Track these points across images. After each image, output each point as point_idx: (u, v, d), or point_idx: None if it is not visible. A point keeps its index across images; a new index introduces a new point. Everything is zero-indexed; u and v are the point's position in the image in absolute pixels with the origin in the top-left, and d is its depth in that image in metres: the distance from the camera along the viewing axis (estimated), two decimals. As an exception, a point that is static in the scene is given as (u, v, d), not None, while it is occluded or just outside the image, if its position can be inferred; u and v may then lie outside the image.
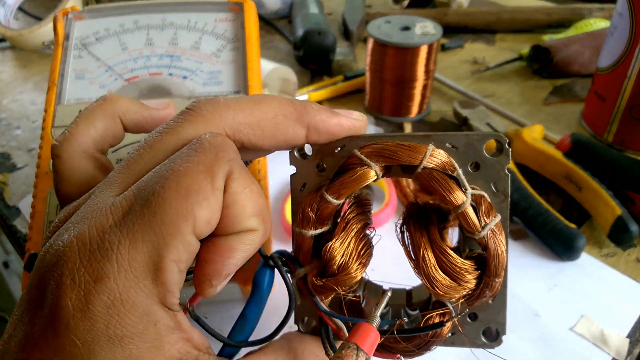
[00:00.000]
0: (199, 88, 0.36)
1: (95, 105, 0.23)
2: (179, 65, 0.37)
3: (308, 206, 0.22)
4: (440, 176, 0.21)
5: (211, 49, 0.37)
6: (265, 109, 0.20)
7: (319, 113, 0.22)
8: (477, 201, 0.21)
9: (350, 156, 0.22)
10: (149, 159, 0.18)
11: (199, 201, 0.17)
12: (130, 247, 0.16)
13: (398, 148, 0.21)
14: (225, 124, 0.20)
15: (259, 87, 0.35)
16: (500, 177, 0.22)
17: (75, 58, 0.37)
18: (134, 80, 0.36)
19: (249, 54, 0.36)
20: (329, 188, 0.22)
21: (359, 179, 0.21)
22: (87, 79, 0.36)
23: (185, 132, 0.19)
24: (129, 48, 0.37)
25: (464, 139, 0.22)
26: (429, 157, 0.21)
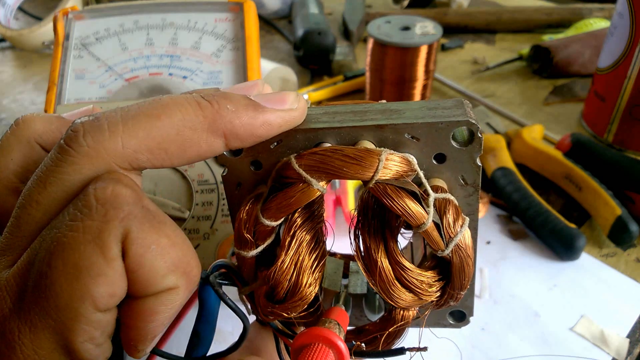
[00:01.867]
0: (199, 88, 0.36)
1: (8, 134, 0.20)
2: (179, 65, 0.37)
3: (243, 227, 0.19)
4: (394, 192, 0.17)
5: (211, 49, 0.37)
6: (164, 125, 0.16)
7: (237, 116, 0.17)
8: (441, 208, 0.18)
9: (287, 166, 0.18)
10: (40, 217, 0.16)
11: (93, 278, 0.14)
12: (33, 335, 0.14)
13: (344, 162, 0.17)
14: (114, 158, 0.16)
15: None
16: (470, 168, 0.19)
17: (75, 58, 0.37)
18: (134, 80, 0.36)
19: (249, 54, 0.36)
20: (265, 210, 0.18)
21: (299, 200, 0.18)
22: (87, 79, 0.36)
23: (69, 179, 0.15)
24: (129, 48, 0.37)
25: (426, 128, 0.18)
26: (382, 170, 0.17)
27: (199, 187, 0.31)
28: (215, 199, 0.31)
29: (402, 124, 0.18)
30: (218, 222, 0.30)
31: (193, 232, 0.30)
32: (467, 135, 0.19)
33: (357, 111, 0.19)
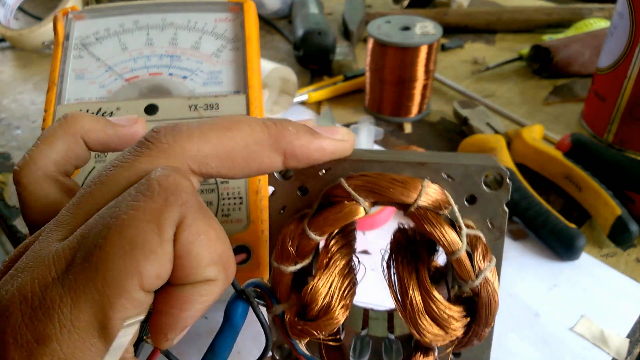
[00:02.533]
0: (199, 88, 0.36)
1: (56, 125, 0.22)
2: (179, 65, 0.37)
3: (288, 240, 0.20)
4: (434, 218, 0.19)
5: (211, 49, 0.37)
6: (235, 137, 0.18)
7: (297, 137, 0.19)
8: (472, 243, 0.20)
9: (336, 186, 0.20)
10: (100, 197, 0.17)
11: (145, 255, 0.15)
12: (73, 306, 0.15)
13: (390, 184, 0.19)
14: (188, 158, 0.17)
15: (259, 87, 0.35)
16: (498, 212, 0.21)
17: (75, 58, 0.37)
18: (134, 80, 0.36)
19: (249, 54, 0.36)
20: (312, 223, 0.20)
21: (346, 217, 0.19)
22: (87, 79, 0.36)
23: (140, 167, 0.17)
24: (129, 48, 0.37)
25: (462, 169, 0.20)
26: (424, 195, 0.19)
27: (200, 187, 0.31)
28: (215, 199, 0.31)
29: (441, 163, 0.20)
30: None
31: None
32: (497, 181, 0.20)
33: (398, 152, 0.21)
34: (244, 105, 0.34)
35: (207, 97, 0.34)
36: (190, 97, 0.34)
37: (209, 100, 0.34)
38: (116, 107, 0.34)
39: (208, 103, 0.34)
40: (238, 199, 0.31)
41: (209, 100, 0.34)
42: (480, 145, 0.44)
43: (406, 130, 0.52)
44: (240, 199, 0.31)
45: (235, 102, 0.34)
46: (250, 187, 0.31)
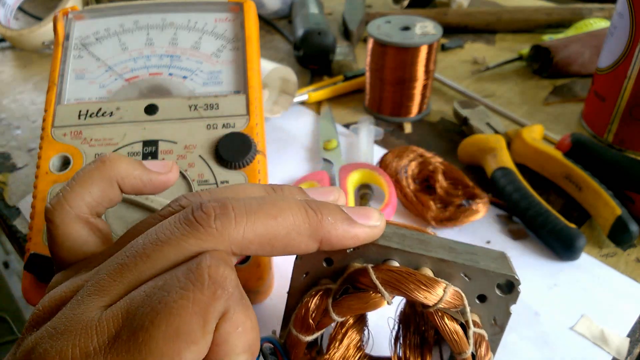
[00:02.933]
0: (198, 88, 0.36)
1: (93, 168, 0.22)
2: (179, 65, 0.37)
3: (311, 313, 0.21)
4: (449, 320, 0.21)
5: (211, 49, 0.37)
6: (278, 225, 0.19)
7: (335, 227, 0.20)
8: (477, 341, 0.21)
9: (364, 274, 0.21)
10: (144, 271, 0.17)
11: (187, 345, 0.16)
12: None
13: (415, 285, 0.20)
14: (233, 243, 0.18)
15: (259, 87, 0.35)
16: (503, 313, 0.22)
17: (75, 58, 0.37)
18: (134, 80, 0.36)
19: (249, 54, 0.36)
20: (336, 305, 0.21)
21: (369, 307, 0.21)
22: (87, 79, 0.36)
23: (188, 249, 0.17)
24: (129, 48, 0.37)
25: (480, 273, 0.22)
26: (444, 300, 0.21)
27: (199, 187, 0.31)
28: None
29: (461, 264, 0.21)
30: None
31: None
32: (508, 286, 0.22)
33: (422, 239, 0.23)
34: (244, 105, 0.34)
35: (207, 97, 0.34)
36: (190, 97, 0.34)
37: (209, 100, 0.34)
38: (116, 107, 0.34)
39: (208, 103, 0.34)
40: None
41: (209, 100, 0.34)
42: (480, 145, 0.44)
43: (406, 130, 0.52)
44: None
45: (235, 102, 0.34)
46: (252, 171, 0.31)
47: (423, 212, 0.39)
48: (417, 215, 0.40)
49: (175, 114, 0.34)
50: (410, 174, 0.42)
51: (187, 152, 0.32)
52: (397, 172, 0.41)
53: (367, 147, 0.47)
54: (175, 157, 0.32)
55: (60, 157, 0.32)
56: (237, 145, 0.32)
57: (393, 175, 0.41)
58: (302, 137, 0.50)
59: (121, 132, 0.33)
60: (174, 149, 0.32)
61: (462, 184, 0.41)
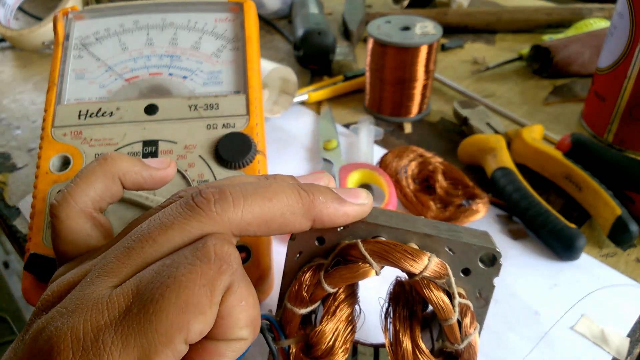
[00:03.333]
0: (198, 88, 0.36)
1: (96, 165, 0.24)
2: (179, 65, 0.37)
3: (304, 286, 0.23)
4: (434, 287, 0.22)
5: (211, 49, 0.37)
6: (274, 207, 0.20)
7: (326, 206, 0.21)
8: (462, 311, 0.22)
9: (353, 247, 0.22)
10: (152, 252, 0.18)
11: (195, 315, 0.17)
12: (122, 349, 0.16)
13: (401, 254, 0.22)
14: (232, 225, 0.19)
15: (259, 87, 0.35)
16: (487, 286, 0.24)
17: (75, 58, 0.37)
18: (134, 80, 0.36)
19: (249, 54, 0.36)
20: (328, 276, 0.22)
21: (359, 277, 0.22)
22: (87, 79, 0.36)
23: (191, 231, 0.19)
24: (129, 48, 0.37)
25: (463, 247, 0.23)
26: (429, 269, 0.22)
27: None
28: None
29: (445, 238, 0.23)
30: None
31: None
32: (490, 259, 0.23)
33: (408, 218, 0.24)
34: (244, 105, 0.34)
35: (207, 97, 0.34)
36: (190, 97, 0.34)
37: (209, 100, 0.34)
38: (116, 107, 0.34)
39: (208, 103, 0.34)
40: None
41: (209, 100, 0.34)
42: (480, 145, 0.44)
43: (406, 130, 0.52)
44: None
45: (235, 102, 0.34)
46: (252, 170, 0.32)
47: (423, 212, 0.39)
48: (417, 215, 0.40)
49: (175, 114, 0.34)
50: (410, 174, 0.42)
51: (187, 152, 0.32)
52: (397, 172, 0.41)
53: (367, 147, 0.47)
54: (175, 157, 0.32)
55: (60, 157, 0.32)
56: (237, 145, 0.32)
57: (393, 175, 0.41)
58: (302, 137, 0.50)
59: (121, 132, 0.33)
60: (174, 149, 0.32)
61: (462, 184, 0.41)
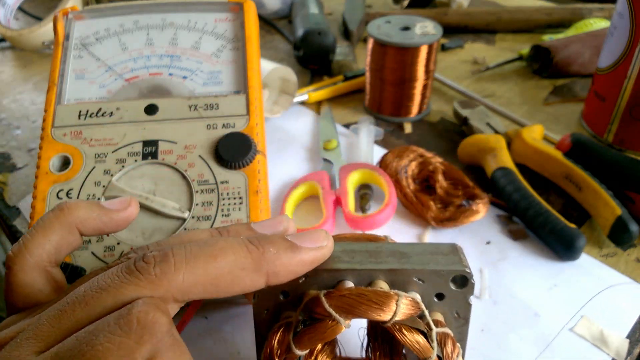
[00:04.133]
0: (198, 88, 0.36)
1: (52, 216, 0.23)
2: (179, 65, 0.37)
3: (275, 352, 0.22)
4: (408, 331, 0.21)
5: (211, 49, 0.37)
6: (219, 265, 0.19)
7: (278, 257, 0.20)
8: (441, 340, 0.22)
9: (317, 303, 0.21)
10: (81, 317, 0.18)
11: None
12: None
13: (367, 306, 0.21)
14: (172, 289, 0.18)
15: (259, 87, 0.35)
16: (464, 305, 0.23)
17: (75, 58, 0.37)
18: (134, 80, 0.36)
19: (249, 54, 0.36)
20: (297, 341, 0.22)
21: (328, 336, 0.21)
22: (87, 79, 0.36)
23: (126, 294, 0.18)
24: (129, 48, 0.37)
25: (432, 274, 0.22)
26: (398, 313, 0.21)
27: (199, 187, 0.31)
28: (215, 199, 0.31)
29: (411, 269, 0.22)
30: (218, 222, 0.30)
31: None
32: (462, 281, 0.23)
33: (372, 251, 0.23)
34: (244, 106, 0.34)
35: (207, 97, 0.34)
36: (190, 97, 0.34)
37: (209, 100, 0.34)
38: (116, 107, 0.34)
39: (208, 103, 0.34)
40: (238, 199, 0.31)
41: (209, 100, 0.34)
42: (480, 145, 0.44)
43: (406, 130, 0.52)
44: (240, 199, 0.31)
45: (235, 102, 0.34)
46: (251, 187, 0.31)
47: (423, 212, 0.39)
48: (417, 216, 0.40)
49: (175, 114, 0.34)
50: (410, 174, 0.42)
51: (187, 152, 0.32)
52: (397, 172, 0.41)
53: (367, 147, 0.47)
54: (175, 157, 0.32)
55: (60, 157, 0.32)
56: (237, 146, 0.32)
57: (393, 175, 0.41)
58: (302, 137, 0.50)
59: (121, 132, 0.33)
60: (173, 149, 0.32)
61: (462, 184, 0.41)
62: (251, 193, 0.31)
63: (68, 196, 0.31)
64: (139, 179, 0.32)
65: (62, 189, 0.31)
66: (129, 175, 0.32)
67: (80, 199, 0.25)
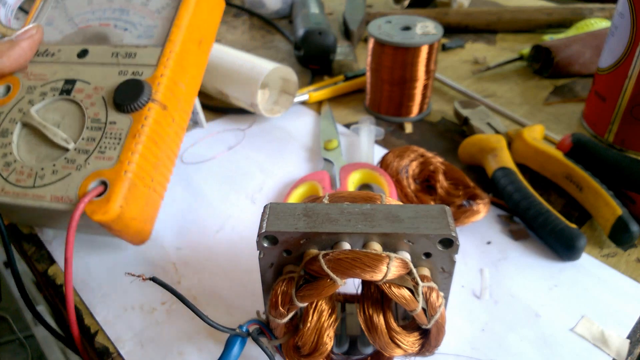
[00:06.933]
0: (132, 40, 0.38)
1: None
2: (126, 18, 0.39)
3: (280, 301, 0.24)
4: (397, 288, 0.23)
5: (156, 5, 0.39)
6: None
7: (3, 53, 0.28)
8: (427, 294, 0.24)
9: (316, 264, 0.23)
10: None
11: None
12: None
13: (360, 268, 0.23)
14: None
15: (180, 42, 0.37)
16: (448, 262, 0.25)
17: (52, 8, 0.41)
18: (84, 29, 0.40)
19: (180, 11, 0.38)
20: (298, 295, 0.24)
21: (326, 292, 0.24)
22: (54, 26, 0.40)
23: None
24: (93, 2, 0.41)
25: (421, 237, 0.24)
26: (389, 274, 0.23)
27: (91, 124, 0.34)
28: (99, 136, 0.34)
29: (402, 233, 0.24)
30: (92, 157, 0.33)
31: (69, 161, 0.33)
32: (449, 242, 0.24)
33: (367, 214, 0.25)
34: (157, 57, 0.36)
35: (130, 47, 0.38)
36: (116, 46, 0.38)
37: (130, 49, 0.37)
38: (58, 49, 0.39)
39: (128, 52, 0.37)
40: (117, 140, 0.33)
41: (130, 49, 0.37)
42: (481, 145, 0.44)
43: (407, 130, 0.52)
44: (119, 139, 0.33)
45: (150, 53, 0.37)
46: (132, 130, 0.33)
47: (423, 212, 0.39)
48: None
49: (99, 59, 0.37)
50: (411, 174, 0.42)
51: (95, 93, 0.36)
52: (398, 172, 0.41)
53: (367, 147, 0.47)
54: (83, 96, 0.36)
55: (5, 86, 0.38)
56: (130, 91, 0.34)
57: (394, 175, 0.41)
58: (302, 137, 0.50)
59: (53, 70, 0.38)
60: (85, 88, 0.36)
61: (463, 184, 0.41)
62: (130, 136, 0.33)
63: None
64: (52, 111, 0.36)
65: None
66: (45, 107, 0.36)
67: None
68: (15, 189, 0.33)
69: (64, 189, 0.32)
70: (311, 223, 0.25)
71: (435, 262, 0.25)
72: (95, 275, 0.36)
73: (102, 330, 0.32)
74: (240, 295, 0.34)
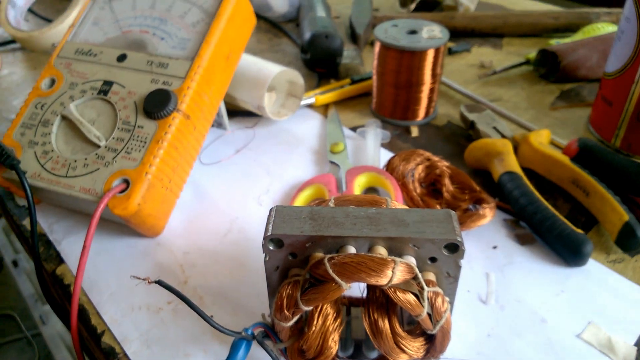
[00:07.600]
0: (167, 50, 0.40)
1: None
2: (164, 28, 0.42)
3: (285, 304, 0.24)
4: (402, 293, 0.23)
5: (192, 19, 0.41)
6: None
7: None
8: (432, 299, 0.24)
9: (322, 268, 0.23)
10: None
11: None
12: None
13: (366, 273, 0.23)
14: None
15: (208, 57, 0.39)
16: (454, 267, 0.25)
17: (99, 9, 0.44)
18: (126, 34, 0.42)
19: (212, 29, 0.40)
20: (303, 299, 0.24)
21: (332, 296, 0.24)
22: (99, 27, 0.43)
23: None
24: (137, 8, 0.43)
25: (428, 242, 0.24)
26: (394, 278, 0.23)
27: (122, 126, 0.37)
28: (127, 137, 0.36)
29: (408, 237, 0.24)
30: (119, 156, 0.36)
31: (99, 157, 0.36)
32: (454, 247, 0.24)
33: (372, 217, 0.25)
34: (186, 70, 0.39)
35: (163, 57, 0.40)
36: (152, 55, 0.40)
37: (163, 60, 0.40)
38: (100, 50, 0.41)
39: (161, 62, 0.40)
40: (142, 143, 0.36)
41: (164, 60, 0.40)
42: (487, 150, 0.44)
43: (413, 134, 0.52)
44: (144, 143, 0.36)
45: (181, 66, 0.39)
46: (156, 136, 0.36)
47: (429, 216, 0.39)
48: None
49: (136, 66, 0.40)
50: (417, 178, 0.42)
51: (128, 97, 0.38)
52: (404, 176, 0.42)
53: (373, 151, 0.47)
54: (118, 98, 0.38)
55: (50, 79, 0.41)
56: (158, 99, 0.37)
57: (400, 179, 0.41)
58: (309, 140, 0.50)
59: (94, 70, 0.41)
60: (120, 91, 0.39)
61: (469, 188, 0.41)
62: (154, 141, 0.36)
63: (40, 108, 0.39)
64: (89, 108, 0.39)
65: (40, 102, 0.40)
66: (84, 104, 0.39)
67: None
68: (49, 176, 0.36)
69: (92, 182, 0.35)
70: (317, 226, 0.25)
71: (440, 267, 0.25)
72: (103, 275, 0.36)
73: (108, 330, 0.32)
74: (246, 296, 0.34)
